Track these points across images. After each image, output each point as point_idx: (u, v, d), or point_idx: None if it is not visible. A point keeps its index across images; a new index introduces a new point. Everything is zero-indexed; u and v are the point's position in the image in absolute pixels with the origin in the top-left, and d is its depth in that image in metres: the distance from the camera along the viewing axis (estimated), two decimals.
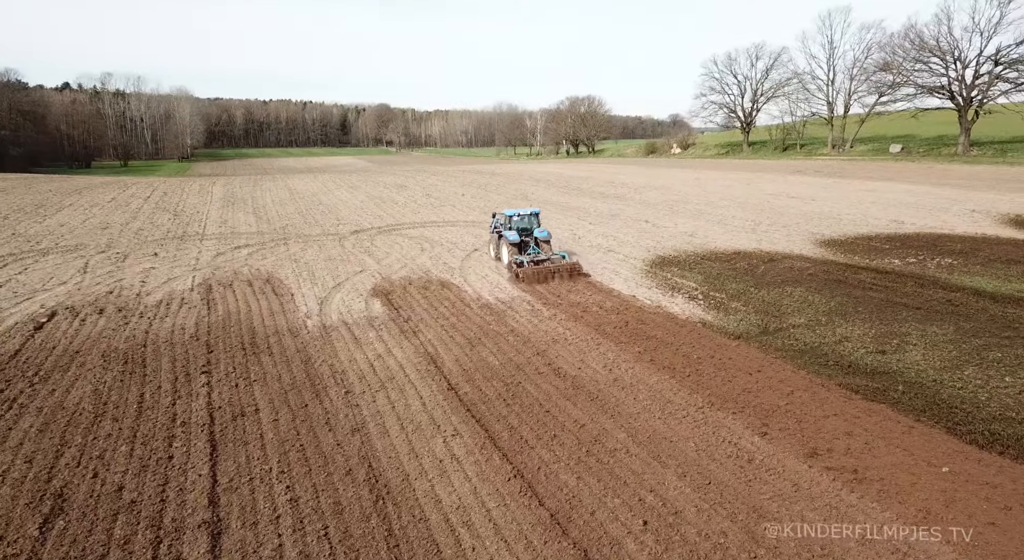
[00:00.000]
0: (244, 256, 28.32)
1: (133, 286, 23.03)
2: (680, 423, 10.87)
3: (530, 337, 15.91)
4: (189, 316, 19.01)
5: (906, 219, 32.26)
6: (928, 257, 23.21)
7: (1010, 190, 42.49)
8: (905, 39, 74.06)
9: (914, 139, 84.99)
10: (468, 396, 12.45)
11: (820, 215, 35.19)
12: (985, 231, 28.34)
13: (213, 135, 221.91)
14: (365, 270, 24.78)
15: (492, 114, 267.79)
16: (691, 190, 52.22)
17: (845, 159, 78.93)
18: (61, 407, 12.61)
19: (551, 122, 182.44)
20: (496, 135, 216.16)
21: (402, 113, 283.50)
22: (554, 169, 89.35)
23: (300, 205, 48.30)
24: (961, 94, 69.83)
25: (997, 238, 26.62)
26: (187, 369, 14.55)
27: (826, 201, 41.07)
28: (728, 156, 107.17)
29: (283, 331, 17.29)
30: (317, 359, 15.01)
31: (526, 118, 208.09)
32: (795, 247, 26.48)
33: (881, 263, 22.78)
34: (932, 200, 39.08)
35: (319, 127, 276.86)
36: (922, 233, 28.51)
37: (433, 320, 17.80)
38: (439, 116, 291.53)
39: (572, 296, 19.81)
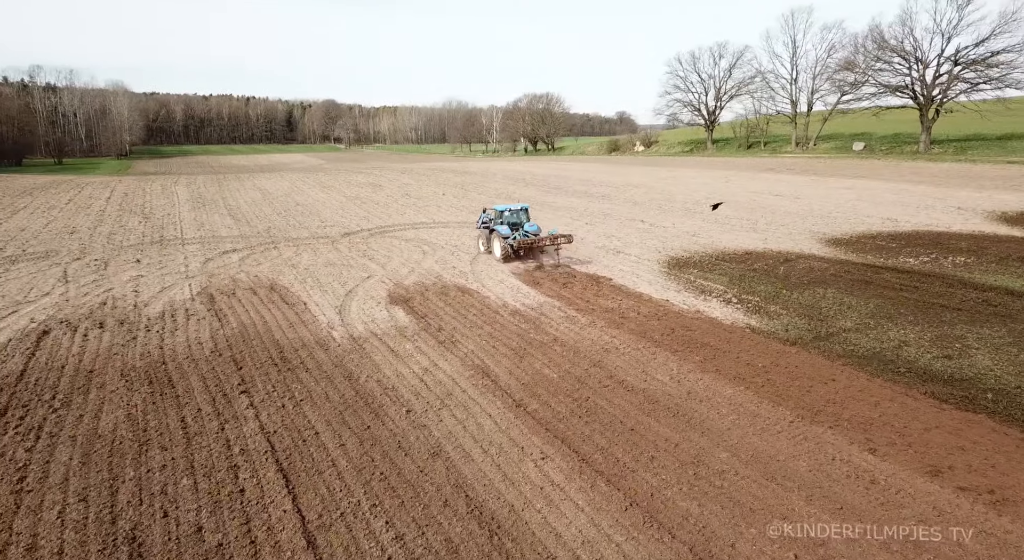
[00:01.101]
0: (236, 262, 27.08)
1: (126, 296, 21.71)
2: (778, 439, 10.48)
3: (577, 346, 15.37)
4: (201, 329, 17.91)
5: (898, 217, 32.80)
6: (940, 256, 23.49)
7: (985, 187, 43.76)
8: (868, 39, 75.97)
9: (872, 137, 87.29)
10: (539, 414, 11.85)
11: (812, 213, 35.55)
12: (982, 229, 28.94)
13: (151, 131, 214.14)
14: (372, 276, 23.89)
15: (442, 111, 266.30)
16: (672, 188, 52.42)
17: (811, 157, 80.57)
18: (96, 435, 11.56)
19: (509, 119, 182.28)
20: (450, 132, 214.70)
21: (349, 109, 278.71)
22: (523, 167, 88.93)
23: (276, 206, 46.77)
24: (923, 93, 71.91)
25: (996, 236, 27.20)
26: (222, 389, 13.57)
27: (811, 199, 41.60)
28: (693, 154, 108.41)
29: (310, 344, 16.38)
30: (360, 374, 14.19)
31: (481, 115, 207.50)
32: (803, 246, 26.56)
33: (896, 262, 22.96)
34: (914, 198, 39.93)
35: (264, 123, 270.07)
36: (921, 231, 28.96)
37: (467, 329, 17.12)
38: (388, 112, 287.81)
39: (602, 301, 19.35)
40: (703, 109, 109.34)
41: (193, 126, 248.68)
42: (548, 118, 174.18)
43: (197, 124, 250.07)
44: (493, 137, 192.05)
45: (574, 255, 26.52)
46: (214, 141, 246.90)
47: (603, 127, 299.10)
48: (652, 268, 23.64)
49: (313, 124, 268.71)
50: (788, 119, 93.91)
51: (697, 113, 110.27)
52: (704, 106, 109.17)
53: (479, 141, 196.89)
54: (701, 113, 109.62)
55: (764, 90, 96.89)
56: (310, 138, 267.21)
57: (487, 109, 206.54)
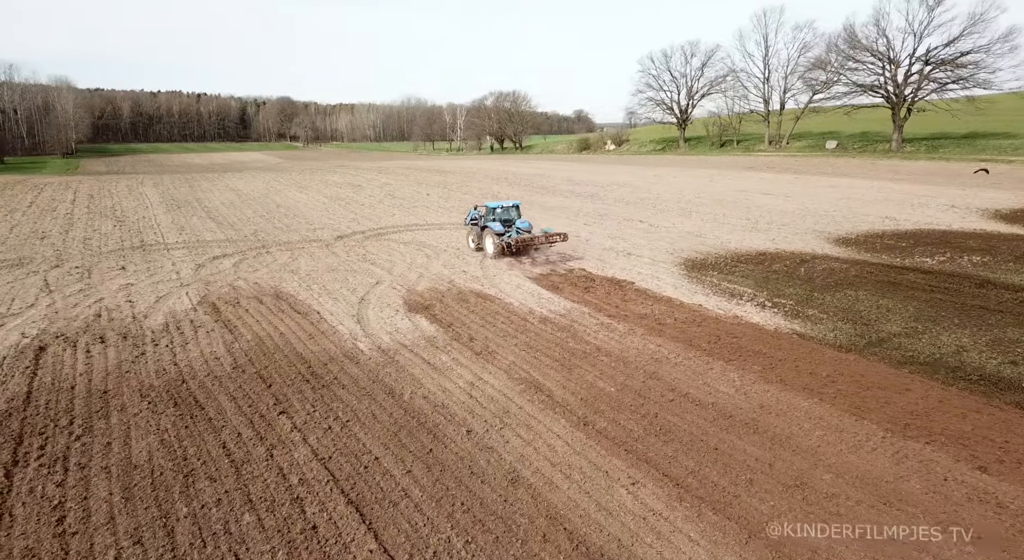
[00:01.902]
0: (230, 268, 25.84)
1: (121, 307, 20.43)
2: (877, 457, 9.99)
3: (624, 356, 14.74)
4: (214, 342, 16.81)
5: (896, 215, 32.99)
6: (954, 255, 23.50)
7: (967, 185, 44.53)
8: (840, 39, 77.11)
9: (841, 135, 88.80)
10: (611, 433, 11.18)
11: (809, 212, 35.58)
12: (983, 227, 29.21)
13: (98, 129, 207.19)
14: (380, 281, 22.94)
15: (401, 108, 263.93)
16: (659, 188, 52.26)
17: (786, 155, 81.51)
18: (132, 465, 10.53)
19: (475, 117, 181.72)
20: (412, 130, 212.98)
21: (305, 107, 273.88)
22: (501, 166, 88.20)
23: (257, 208, 45.23)
24: (895, 93, 73.23)
25: (1001, 234, 27.44)
26: (258, 410, 12.60)
27: (802, 198, 41.75)
28: (665, 152, 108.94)
29: (338, 357, 15.45)
30: (403, 390, 13.35)
31: (444, 113, 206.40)
32: (814, 246, 26.39)
33: (914, 262, 22.88)
34: (903, 196, 40.36)
35: (216, 121, 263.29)
36: (924, 230, 29.10)
37: (500, 339, 16.36)
38: (345, 110, 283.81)
39: (632, 306, 18.76)
40: (675, 107, 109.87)
41: (142, 124, 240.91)
42: (516, 116, 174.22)
43: (146, 121, 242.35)
44: (458, 135, 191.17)
45: (585, 256, 25.95)
46: (164, 139, 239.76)
47: (561, 125, 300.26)
48: (670, 270, 23.16)
49: (268, 122, 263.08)
50: (761, 117, 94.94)
51: (669, 112, 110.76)
52: (676, 104, 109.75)
53: (442, 139, 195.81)
54: (673, 111, 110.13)
55: (737, 89, 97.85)
56: (265, 136, 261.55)
57: (450, 107, 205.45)
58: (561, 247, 28.02)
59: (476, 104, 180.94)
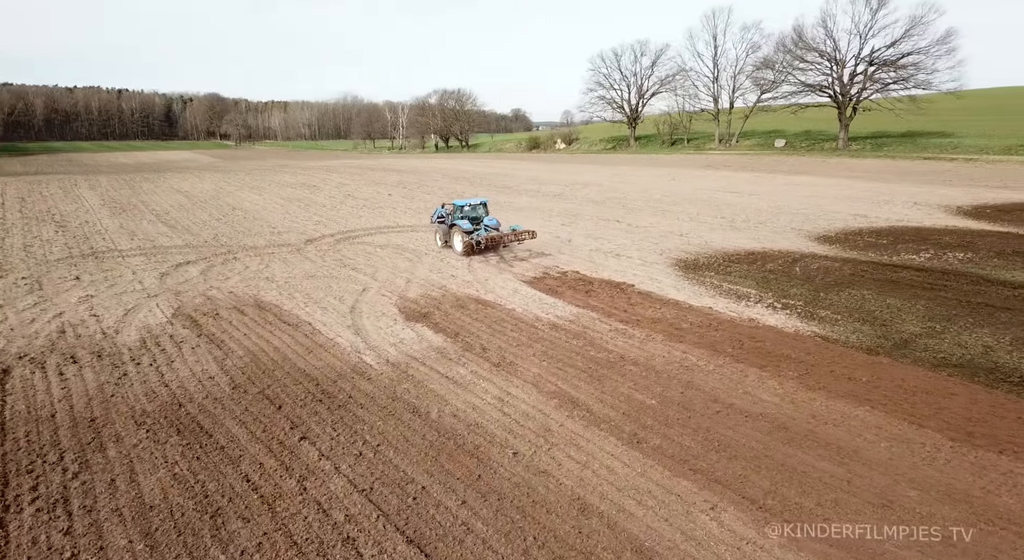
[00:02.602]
0: (198, 276, 24.24)
1: (86, 322, 18.78)
2: (954, 469, 9.66)
3: (652, 365, 14.18)
4: (203, 360, 15.50)
5: (866, 213, 33.61)
6: (936, 252, 23.89)
7: (921, 182, 45.97)
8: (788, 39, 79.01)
9: (785, 134, 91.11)
10: (667, 450, 10.56)
11: (781, 210, 35.94)
12: (952, 224, 29.95)
13: (8, 127, 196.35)
14: (367, 288, 21.84)
15: (336, 106, 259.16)
16: (624, 187, 52.25)
17: (738, 153, 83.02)
18: (146, 506, 9.36)
19: (419, 115, 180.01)
20: (352, 127, 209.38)
21: (236, 104, 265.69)
22: (455, 164, 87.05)
23: (211, 211, 43.06)
24: (840, 92, 75.44)
25: (971, 230, 28.17)
26: (274, 435, 11.50)
27: (768, 196, 42.26)
28: (616, 151, 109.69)
29: (346, 373, 14.40)
30: (428, 408, 12.44)
31: (385, 110, 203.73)
32: (799, 245, 26.49)
33: (902, 259, 23.14)
34: (864, 193, 41.30)
35: (139, 119, 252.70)
36: (897, 227, 29.65)
37: (515, 348, 15.59)
38: (278, 107, 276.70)
39: (640, 310, 18.25)
40: (626, 106, 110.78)
41: (57, 121, 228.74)
42: (462, 115, 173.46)
43: (62, 119, 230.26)
44: (400, 133, 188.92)
45: (573, 258, 25.38)
46: (83, 137, 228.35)
47: (499, 124, 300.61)
48: (666, 271, 22.79)
49: (196, 120, 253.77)
50: (711, 116, 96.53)
51: (620, 110, 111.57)
52: (627, 103, 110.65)
53: (384, 137, 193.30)
54: (624, 110, 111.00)
55: (687, 88, 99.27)
56: (193, 134, 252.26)
57: (393, 105, 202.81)
58: (546, 248, 27.41)
59: (420, 102, 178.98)
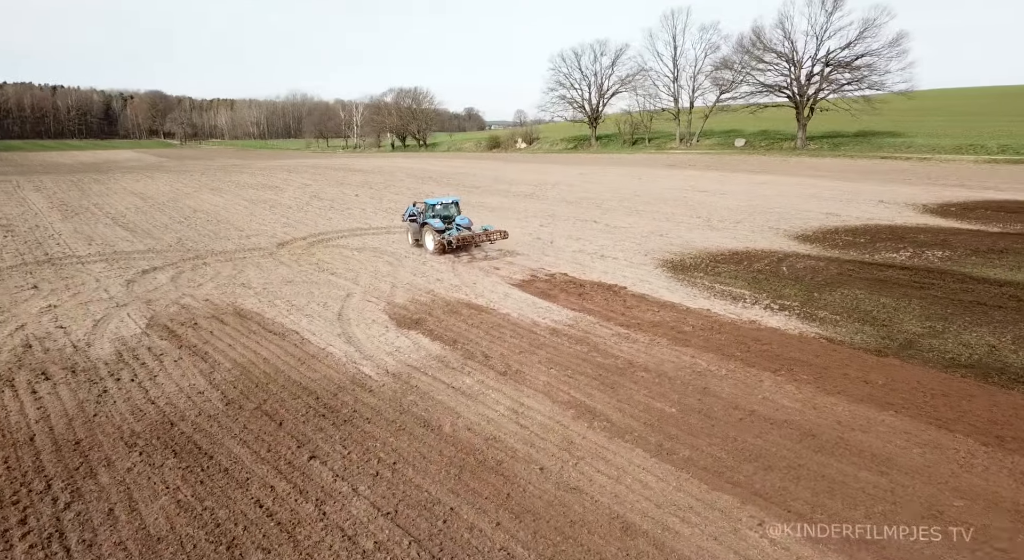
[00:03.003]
0: (167, 283, 23.14)
1: (52, 335, 17.67)
2: (996, 476, 9.51)
3: (662, 370, 13.91)
4: (188, 374, 14.66)
5: (837, 211, 34.17)
6: (915, 250, 24.31)
7: (884, 181, 47.10)
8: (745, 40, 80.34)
9: (743, 133, 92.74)
10: (699, 461, 10.27)
11: (755, 209, 36.29)
12: (922, 221, 30.64)
13: None
14: (351, 294, 21.12)
15: (285, 104, 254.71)
16: (594, 186, 52.26)
17: (700, 153, 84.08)
18: (153, 539, 8.65)
19: (376, 114, 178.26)
20: (304, 126, 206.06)
21: (179, 102, 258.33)
22: (417, 164, 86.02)
23: (171, 213, 41.42)
24: (798, 93, 77.04)
25: (941, 228, 28.84)
26: (281, 455, 10.84)
27: (738, 195, 42.70)
28: (577, 151, 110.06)
29: (345, 385, 13.77)
30: (439, 421, 11.92)
31: (339, 109, 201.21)
32: (780, 244, 26.69)
33: (884, 258, 23.46)
34: (831, 192, 42.07)
35: (77, 116, 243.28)
36: (871, 225, 30.17)
37: (519, 355, 15.15)
38: (224, 105, 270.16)
39: (638, 313, 18.00)
40: (586, 106, 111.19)
41: None
42: (420, 114, 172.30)
43: None
44: (355, 132, 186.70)
45: (558, 259, 25.07)
46: (14, 136, 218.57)
47: (452, 122, 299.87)
48: (654, 273, 22.66)
49: (138, 118, 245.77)
50: (672, 116, 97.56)
51: (581, 109, 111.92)
52: (587, 103, 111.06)
53: (338, 136, 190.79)
54: (584, 110, 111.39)
55: (648, 87, 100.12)
56: (135, 133, 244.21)
57: (344, 103, 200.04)
58: (530, 250, 27.05)
59: (376, 101, 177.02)
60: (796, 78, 77.10)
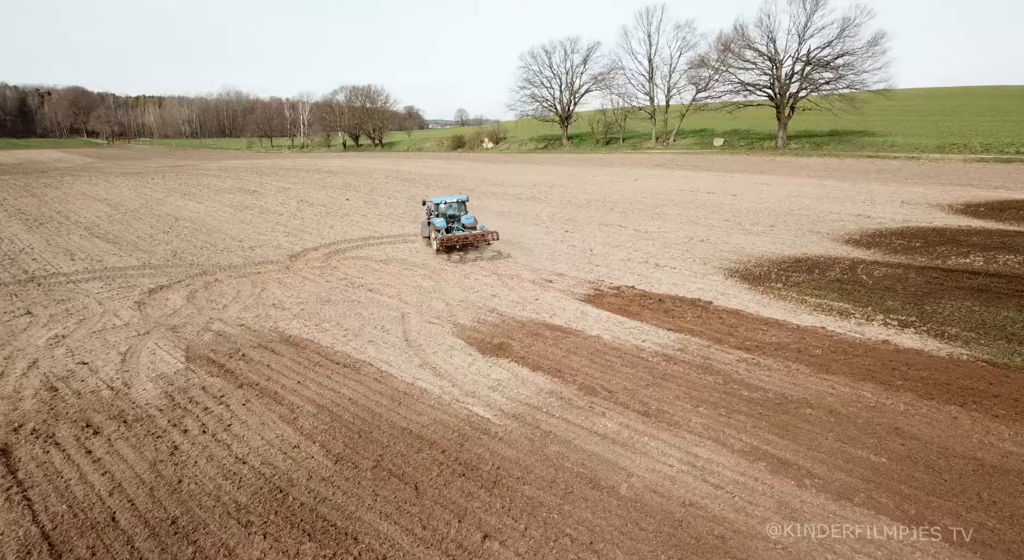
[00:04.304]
0: (185, 305, 20.66)
1: (76, 373, 15.20)
2: None
3: (828, 405, 12.34)
4: (267, 421, 12.48)
5: (867, 213, 33.42)
6: (984, 255, 23.41)
7: (884, 181, 46.92)
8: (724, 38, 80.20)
9: (716, 133, 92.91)
10: (986, 539, 8.61)
11: (776, 211, 35.31)
12: (967, 224, 29.96)
13: None
14: (405, 315, 19.06)
15: (219, 101, 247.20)
16: (590, 188, 50.84)
17: (679, 152, 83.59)
18: None
19: (327, 113, 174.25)
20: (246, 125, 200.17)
21: (103, 99, 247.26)
22: (389, 165, 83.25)
23: (151, 222, 38.21)
24: (778, 92, 77.19)
25: (986, 229, 28.27)
26: (443, 533, 8.89)
27: (750, 197, 41.78)
28: (548, 151, 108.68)
29: (466, 432, 11.80)
30: (610, 481, 10.11)
31: (284, 107, 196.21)
32: (834, 249, 25.59)
33: (958, 263, 22.51)
34: (842, 193, 41.53)
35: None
36: (913, 227, 29.40)
37: (647, 389, 13.38)
38: (152, 103, 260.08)
39: (747, 333, 16.42)
40: (557, 105, 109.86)
41: None
42: (376, 113, 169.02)
43: None
44: (302, 131, 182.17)
45: (610, 269, 23.42)
46: None
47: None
48: (727, 283, 21.22)
49: (58, 115, 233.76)
50: (647, 114, 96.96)
51: (552, 108, 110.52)
52: (559, 102, 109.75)
53: (282, 135, 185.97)
54: (556, 109, 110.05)
55: (622, 86, 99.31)
56: (55, 131, 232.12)
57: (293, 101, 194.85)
58: (571, 259, 25.41)
59: (326, 99, 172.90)
60: (777, 77, 77.24)
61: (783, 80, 76.32)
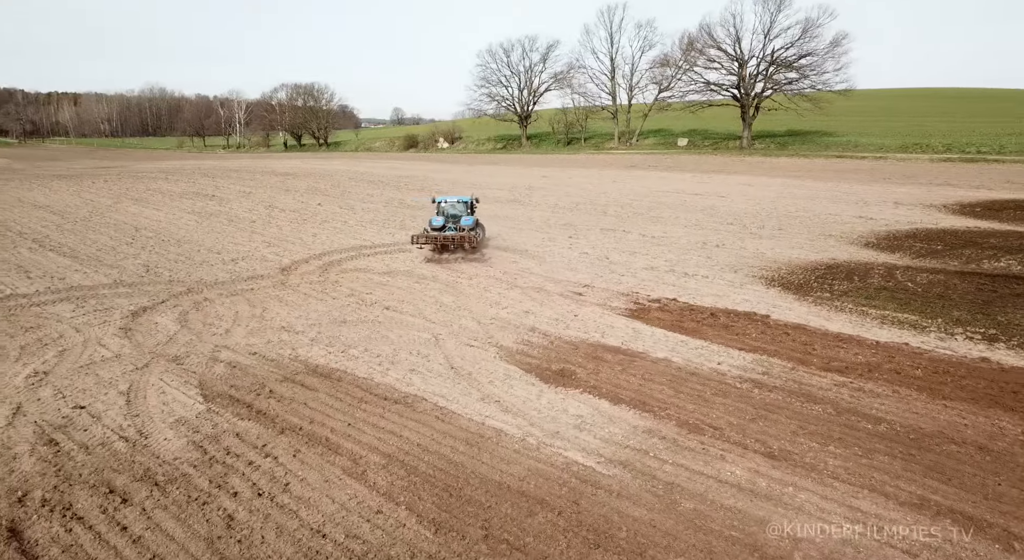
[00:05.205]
0: (178, 330, 18.37)
1: (74, 421, 13.08)
2: None
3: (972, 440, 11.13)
4: (332, 477, 10.65)
5: (868, 215, 33.18)
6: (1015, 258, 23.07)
7: (870, 181, 47.29)
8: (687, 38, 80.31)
9: (675, 132, 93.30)
10: None
11: (778, 214, 34.75)
12: (975, 225, 29.93)
13: None
14: (437, 336, 17.30)
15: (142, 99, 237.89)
16: (572, 190, 49.67)
17: (645, 152, 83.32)
18: None
19: (268, 112, 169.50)
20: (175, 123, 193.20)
21: (10, 95, 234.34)
22: (350, 167, 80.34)
23: (108, 232, 34.99)
24: (743, 92, 77.70)
25: (997, 231, 28.23)
26: None
27: (739, 198, 41.27)
28: (508, 151, 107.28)
29: (573, 485, 10.23)
30: (779, 550, 8.63)
31: (219, 105, 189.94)
32: (858, 254, 24.97)
33: (993, 267, 22.14)
34: (830, 193, 41.48)
35: None
36: (923, 229, 29.16)
37: (752, 423, 12.02)
38: (67, 100, 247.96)
39: (826, 352, 15.26)
40: (516, 104, 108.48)
41: None
42: (321, 112, 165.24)
43: None
44: (238, 130, 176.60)
45: (639, 279, 22.16)
46: None
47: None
48: (772, 293, 20.20)
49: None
50: (610, 114, 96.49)
51: (510, 107, 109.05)
52: (517, 101, 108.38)
53: (217, 134, 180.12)
54: (515, 108, 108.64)
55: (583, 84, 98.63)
56: None
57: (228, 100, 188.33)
58: (591, 268, 24.19)
59: (265, 98, 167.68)
60: (743, 77, 77.74)
61: (748, 80, 76.84)
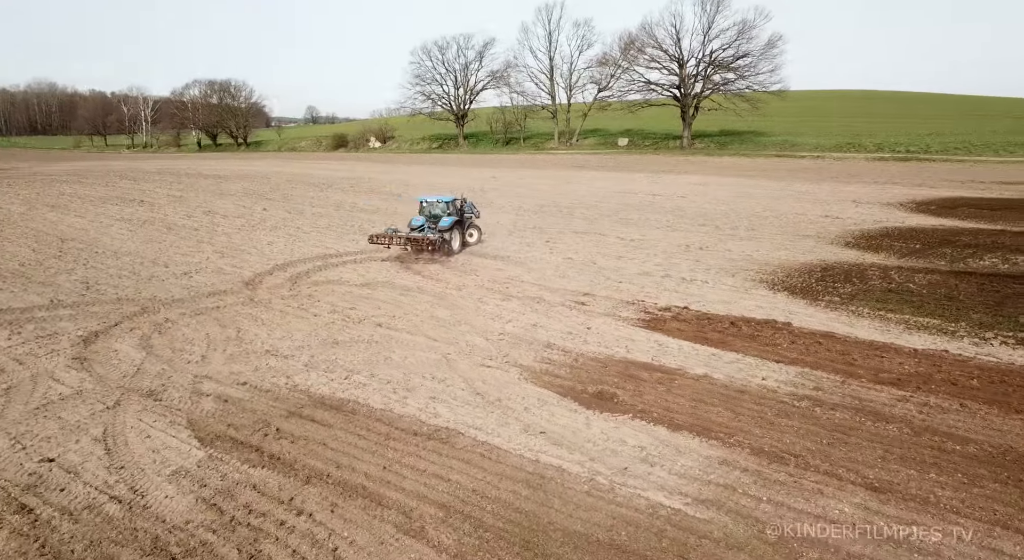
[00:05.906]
0: (143, 357, 16.30)
1: (46, 479, 11.23)
2: None
3: None
4: (387, 537, 9.27)
5: (836, 214, 33.61)
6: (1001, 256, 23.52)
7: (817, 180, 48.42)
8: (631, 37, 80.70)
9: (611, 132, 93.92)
10: None
11: (744, 214, 34.78)
12: (940, 223, 30.64)
13: None
14: (447, 356, 15.90)
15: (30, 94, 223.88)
16: (528, 192, 48.67)
17: (587, 152, 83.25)
18: None
19: (180, 110, 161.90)
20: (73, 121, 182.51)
21: None
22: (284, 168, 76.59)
23: (28, 244, 31.50)
24: (683, 92, 78.69)
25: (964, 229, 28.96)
26: None
27: (699, 198, 41.38)
28: (444, 151, 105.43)
29: (668, 534, 9.13)
30: None
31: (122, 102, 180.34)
32: (842, 254, 25.02)
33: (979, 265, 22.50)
34: (786, 193, 42.12)
35: None
36: (894, 228, 29.69)
37: (830, 448, 11.19)
38: None
39: (870, 362, 14.62)
40: (452, 102, 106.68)
41: None
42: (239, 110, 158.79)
43: None
44: (144, 129, 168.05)
45: (638, 288, 21.33)
46: None
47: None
48: (782, 299, 19.76)
49: None
50: (550, 114, 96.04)
51: (446, 106, 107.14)
52: (453, 99, 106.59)
53: (120, 132, 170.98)
54: (451, 107, 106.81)
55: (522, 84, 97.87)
56: None
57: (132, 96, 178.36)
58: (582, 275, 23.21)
59: (176, 95, 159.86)
60: (682, 77, 78.72)
61: (688, 80, 77.91)
